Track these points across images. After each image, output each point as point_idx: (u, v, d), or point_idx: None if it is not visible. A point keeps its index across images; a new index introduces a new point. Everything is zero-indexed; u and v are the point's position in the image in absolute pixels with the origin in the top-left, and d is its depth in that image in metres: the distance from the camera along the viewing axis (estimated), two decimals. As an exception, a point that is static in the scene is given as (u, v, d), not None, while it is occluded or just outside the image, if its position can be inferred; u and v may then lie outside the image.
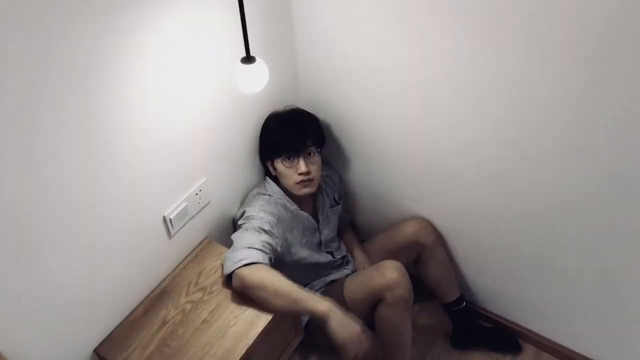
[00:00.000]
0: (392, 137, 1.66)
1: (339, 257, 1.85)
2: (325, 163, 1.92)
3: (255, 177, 1.76)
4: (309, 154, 1.62)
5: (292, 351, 1.66)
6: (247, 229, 1.50)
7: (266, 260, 1.44)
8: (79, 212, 1.18)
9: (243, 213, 1.58)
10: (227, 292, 1.49)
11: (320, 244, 1.79)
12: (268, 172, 1.70)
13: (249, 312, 1.44)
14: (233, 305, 1.45)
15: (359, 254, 1.91)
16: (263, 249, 1.46)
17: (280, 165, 1.62)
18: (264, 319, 1.42)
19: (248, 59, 1.21)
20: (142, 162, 1.29)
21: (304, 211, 1.71)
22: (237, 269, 1.41)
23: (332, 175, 1.88)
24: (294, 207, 1.67)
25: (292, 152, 1.60)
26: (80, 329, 1.32)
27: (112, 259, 1.33)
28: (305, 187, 1.63)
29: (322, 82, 1.68)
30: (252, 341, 1.37)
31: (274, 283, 1.39)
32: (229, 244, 1.71)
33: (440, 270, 1.80)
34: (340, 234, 1.96)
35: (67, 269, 1.21)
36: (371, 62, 1.51)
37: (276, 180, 1.69)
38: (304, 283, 1.73)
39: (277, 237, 1.55)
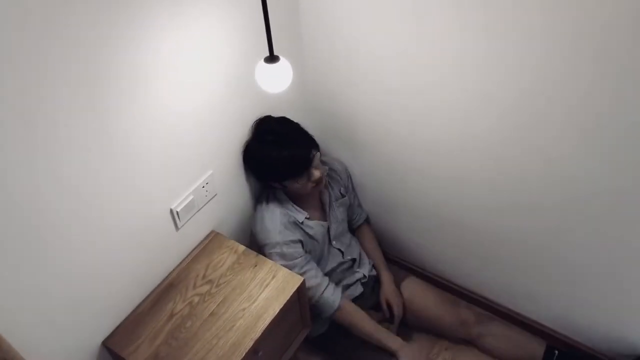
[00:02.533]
0: (399, 127, 1.65)
1: (349, 257, 1.83)
2: (331, 155, 1.91)
3: (261, 170, 1.75)
4: (312, 159, 1.60)
5: (299, 344, 1.66)
6: (288, 259, 1.60)
7: (325, 280, 1.67)
8: (86, 204, 1.18)
9: (265, 243, 1.60)
10: (234, 285, 1.49)
11: (329, 239, 1.78)
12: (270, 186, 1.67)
13: (257, 305, 1.44)
14: (240, 298, 1.45)
15: (385, 278, 1.90)
16: (312, 266, 1.65)
17: (295, 185, 1.60)
18: (271, 312, 1.42)
19: (272, 58, 1.16)
20: (149, 154, 1.29)
21: (311, 210, 1.70)
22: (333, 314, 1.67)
23: (338, 168, 1.85)
24: (301, 217, 1.65)
25: (302, 169, 1.57)
26: (88, 322, 1.33)
27: (120, 252, 1.33)
28: (317, 187, 1.65)
29: (328, 73, 1.67)
30: (259, 334, 1.38)
31: (359, 325, 1.69)
32: (235, 237, 1.73)
33: (503, 343, 1.81)
34: (356, 233, 1.95)
35: (74, 261, 1.21)
36: (378, 51, 1.49)
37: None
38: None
39: (298, 241, 1.63)
